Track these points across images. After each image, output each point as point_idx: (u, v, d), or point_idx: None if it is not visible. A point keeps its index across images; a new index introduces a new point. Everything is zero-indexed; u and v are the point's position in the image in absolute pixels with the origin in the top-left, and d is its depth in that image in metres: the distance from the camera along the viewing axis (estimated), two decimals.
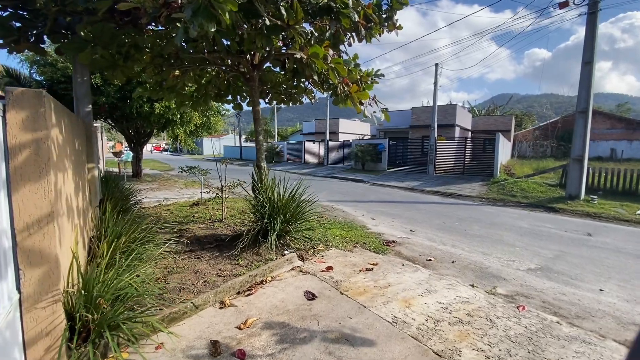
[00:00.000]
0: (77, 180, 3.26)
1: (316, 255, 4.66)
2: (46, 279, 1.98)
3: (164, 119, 11.18)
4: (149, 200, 8.94)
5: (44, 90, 1.93)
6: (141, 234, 4.10)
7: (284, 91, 6.33)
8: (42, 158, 1.92)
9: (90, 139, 4.40)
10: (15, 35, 3.53)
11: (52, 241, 1.99)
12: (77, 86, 4.30)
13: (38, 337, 1.98)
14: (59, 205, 2.14)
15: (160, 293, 3.26)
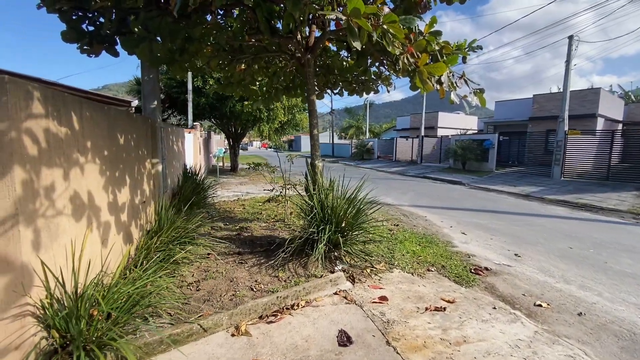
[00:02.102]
0: (118, 175, 3.22)
1: (372, 276, 3.75)
2: (10, 290, 1.77)
3: (252, 116, 11.71)
4: (232, 194, 9.41)
5: (8, 77, 1.68)
6: (185, 232, 3.97)
7: (354, 79, 5.53)
8: (4, 153, 1.69)
9: (155, 135, 4.53)
10: (87, 38, 3.75)
11: (17, 247, 1.76)
12: (144, 84, 4.47)
13: (6, 351, 1.79)
14: (39, 204, 1.93)
15: (184, 302, 2.98)
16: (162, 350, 2.36)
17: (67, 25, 3.74)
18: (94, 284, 2.35)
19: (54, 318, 1.95)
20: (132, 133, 3.69)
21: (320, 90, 6.13)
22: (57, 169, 2.13)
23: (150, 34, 3.78)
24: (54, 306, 1.96)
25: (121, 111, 3.59)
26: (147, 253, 3.35)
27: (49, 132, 2.03)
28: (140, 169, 4.00)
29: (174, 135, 6.26)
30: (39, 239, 1.92)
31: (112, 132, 3.12)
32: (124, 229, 3.36)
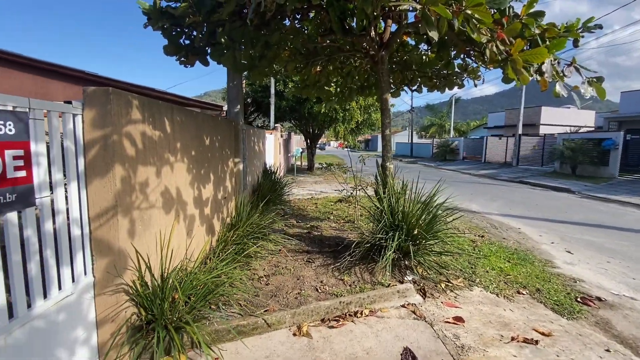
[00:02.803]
0: (203, 173, 3.58)
1: (447, 292, 3.38)
2: (111, 268, 2.08)
3: (328, 117, 11.89)
4: (306, 192, 9.71)
5: (112, 89, 1.98)
6: (259, 227, 4.19)
7: (434, 73, 5.10)
8: (108, 153, 2.00)
9: (237, 136, 4.92)
10: (183, 51, 4.27)
11: (115, 234, 2.06)
12: (229, 90, 4.88)
13: (105, 321, 2.12)
14: (135, 197, 2.23)
15: (254, 294, 3.14)
16: (229, 339, 2.51)
17: (168, 40, 4.28)
18: (177, 271, 2.63)
19: (142, 298, 2.24)
20: (217, 135, 4.06)
21: (397, 87, 5.82)
22: (150, 167, 2.44)
23: (234, 43, 4.09)
24: (142, 287, 2.25)
25: (207, 115, 3.98)
26: (225, 245, 3.64)
27: (145, 135, 2.34)
28: (224, 167, 4.38)
29: (255, 136, 6.74)
30: (134, 228, 2.22)
31: (199, 134, 3.47)
32: (207, 222, 3.71)
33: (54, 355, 1.79)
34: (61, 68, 9.66)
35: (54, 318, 1.79)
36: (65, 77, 9.63)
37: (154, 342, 2.17)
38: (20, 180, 1.57)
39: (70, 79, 9.61)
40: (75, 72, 9.66)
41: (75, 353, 1.94)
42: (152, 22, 3.89)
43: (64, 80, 9.61)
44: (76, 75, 9.63)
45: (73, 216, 1.92)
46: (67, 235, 1.88)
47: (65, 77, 9.63)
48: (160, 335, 2.15)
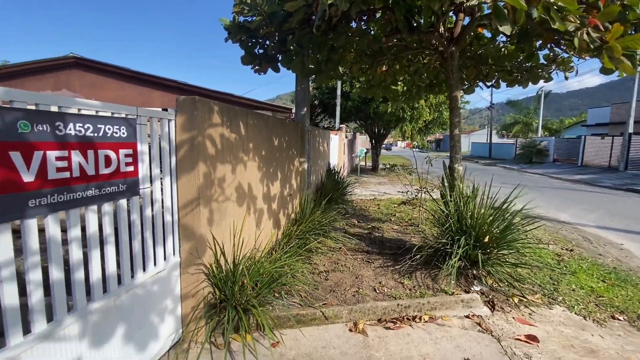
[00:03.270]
0: (272, 171, 3.87)
1: (520, 308, 3.07)
2: (193, 252, 2.42)
3: (395, 116, 11.60)
4: (369, 192, 9.65)
5: (198, 97, 2.30)
6: (320, 224, 4.35)
7: (514, 66, 4.63)
8: (194, 153, 2.33)
9: (303, 137, 5.17)
10: (258, 59, 4.66)
11: (198, 221, 2.39)
12: (296, 93, 5.16)
13: (187, 296, 2.47)
14: (214, 191, 2.55)
15: (314, 287, 3.30)
16: (289, 326, 2.69)
17: (245, 51, 4.71)
18: (246, 258, 2.91)
19: (217, 279, 2.55)
20: (284, 136, 4.35)
21: (471, 83, 5.45)
22: (227, 165, 2.75)
23: (303, 49, 4.32)
24: (217, 270, 2.56)
25: (276, 118, 4.28)
26: (289, 239, 3.88)
27: (223, 136, 2.66)
28: (290, 166, 4.66)
29: (319, 137, 6.97)
30: (212, 217, 2.54)
31: (269, 135, 3.76)
32: (274, 216, 4.01)
33: (149, 319, 2.17)
34: (159, 79, 11.30)
35: (150, 288, 2.16)
36: (163, 86, 11.25)
37: (225, 319, 2.46)
38: (129, 173, 1.95)
39: (166, 88, 11.19)
40: (170, 82, 11.21)
41: (164, 320, 2.31)
42: (231, 36, 4.33)
43: (162, 89, 11.23)
44: (171, 85, 11.17)
45: (166, 205, 2.29)
46: (161, 220, 2.25)
47: (163, 86, 11.25)
48: (230, 314, 2.42)
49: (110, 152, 1.80)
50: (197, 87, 11.37)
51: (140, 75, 11.18)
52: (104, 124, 1.75)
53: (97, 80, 11.14)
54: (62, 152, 1.53)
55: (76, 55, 10.92)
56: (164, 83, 11.23)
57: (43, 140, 1.44)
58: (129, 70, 11.24)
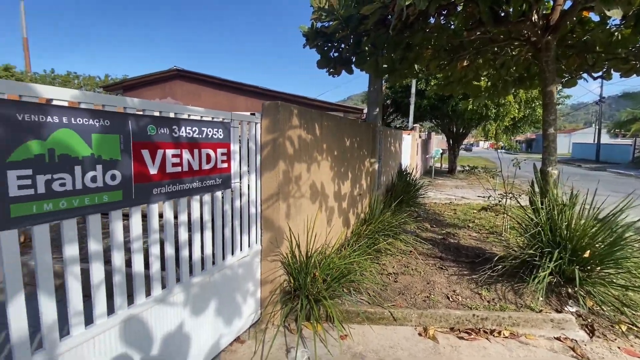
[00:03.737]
0: (343, 171, 3.99)
1: (628, 337, 2.59)
2: (272, 241, 2.67)
3: (477, 114, 10.69)
4: (444, 196, 9.10)
5: (280, 102, 2.53)
6: (390, 225, 4.31)
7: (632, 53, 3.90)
8: (276, 152, 2.56)
9: (374, 137, 5.18)
10: (332, 62, 4.83)
11: (277, 214, 2.62)
12: (369, 94, 5.18)
13: (266, 281, 2.73)
14: (291, 187, 2.77)
15: (382, 288, 3.31)
16: (358, 322, 2.76)
17: (321, 55, 4.92)
18: (318, 252, 3.08)
19: (291, 268, 2.75)
20: (356, 137, 4.42)
21: (572, 75, 4.77)
22: (303, 164, 2.95)
23: (377, 49, 4.34)
24: (292, 260, 2.77)
25: (349, 119, 4.38)
26: (358, 238, 3.95)
27: (300, 138, 2.86)
28: (360, 166, 4.72)
29: (391, 137, 6.86)
30: (289, 211, 2.76)
31: (341, 136, 3.89)
32: (344, 215, 4.12)
33: (234, 298, 2.47)
34: (243, 85, 12.44)
35: (236, 271, 2.46)
36: (246, 92, 12.37)
37: (298, 307, 2.65)
38: (223, 170, 2.26)
39: (249, 93, 12.28)
40: (252, 88, 12.26)
41: (246, 300, 2.60)
42: (309, 42, 4.58)
43: (245, 94, 12.36)
44: (253, 90, 12.21)
45: (251, 198, 2.57)
46: (247, 212, 2.54)
47: (246, 92, 12.37)
48: (303, 303, 2.60)
49: (210, 151, 2.11)
50: (276, 91, 12.19)
51: (227, 82, 12.49)
52: (206, 127, 2.07)
53: (194, 89, 12.82)
54: (176, 150, 1.86)
55: (178, 68, 12.74)
56: (247, 89, 12.35)
57: (163, 141, 1.78)
58: (218, 79, 12.64)
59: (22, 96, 1.22)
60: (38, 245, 1.29)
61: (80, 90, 1.40)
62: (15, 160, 1.20)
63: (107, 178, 1.51)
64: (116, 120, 1.53)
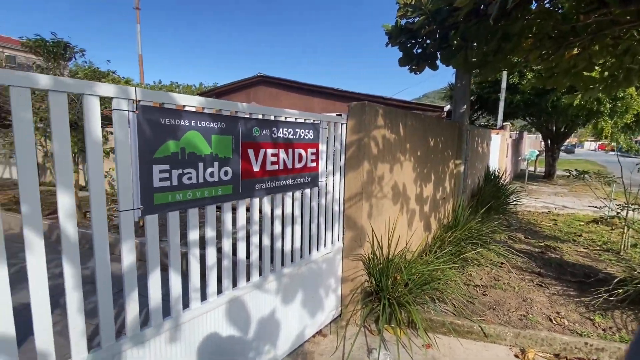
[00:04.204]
0: (425, 172, 3.82)
1: None
2: (354, 240, 2.69)
3: (586, 110, 9.11)
4: (541, 204, 7.99)
5: (367, 102, 2.54)
6: (478, 234, 3.98)
7: None
8: (360, 152, 2.58)
9: (461, 137, 4.82)
10: (415, 60, 4.66)
11: (359, 214, 2.64)
12: (455, 90, 4.83)
13: (347, 279, 2.77)
14: (374, 188, 2.75)
15: (469, 300, 3.08)
16: (442, 333, 2.61)
17: (403, 53, 4.78)
18: (399, 256, 3.00)
19: (373, 269, 2.74)
20: (440, 136, 4.18)
21: None
22: (386, 164, 2.91)
23: (467, 42, 4.04)
24: (374, 261, 2.75)
25: (433, 118, 4.16)
26: (441, 244, 3.73)
27: (384, 137, 2.83)
28: (444, 168, 4.45)
29: (479, 137, 6.30)
30: (371, 211, 2.76)
31: (425, 135, 3.72)
32: (425, 219, 3.93)
33: (318, 292, 2.56)
34: (318, 87, 12.83)
35: (320, 266, 2.55)
36: (321, 94, 12.72)
37: (379, 309, 2.62)
38: (312, 169, 2.36)
39: (324, 95, 12.61)
40: (327, 90, 12.55)
41: (328, 295, 2.68)
42: (392, 40, 4.49)
43: (320, 96, 12.72)
44: (328, 92, 12.50)
45: (335, 197, 2.64)
46: (331, 209, 2.61)
47: (321, 94, 12.72)
48: (384, 305, 2.57)
49: (302, 151, 2.24)
50: (349, 91, 12.27)
51: (303, 85, 13.03)
52: (299, 128, 2.19)
53: (274, 93, 13.71)
54: (274, 150, 2.02)
55: (262, 74, 13.78)
56: (321, 90, 12.70)
57: (265, 141, 1.95)
58: (295, 82, 13.28)
59: (163, 103, 1.46)
60: (172, 229, 1.54)
61: (204, 97, 1.62)
62: (158, 156, 1.45)
63: (221, 174, 1.72)
64: (230, 123, 1.73)
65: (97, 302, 1.31)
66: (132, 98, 1.33)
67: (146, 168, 1.41)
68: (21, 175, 1.09)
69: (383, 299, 2.65)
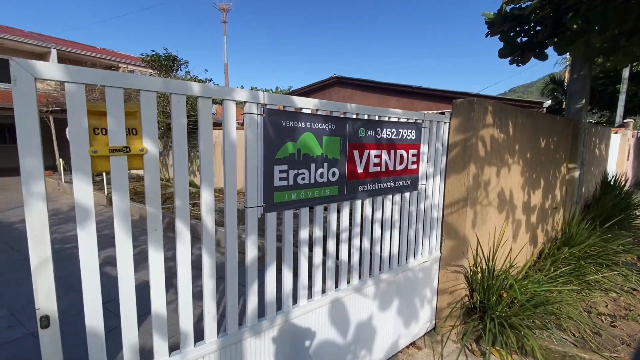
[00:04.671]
0: (534, 177, 3.35)
1: None
2: (454, 249, 2.48)
3: None
4: None
5: (476, 98, 2.31)
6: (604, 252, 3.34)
7: None
8: (466, 154, 2.36)
9: (577, 137, 4.11)
10: (519, 49, 4.13)
11: (462, 222, 2.42)
12: (571, 83, 4.14)
13: (444, 291, 2.57)
14: (479, 193, 2.50)
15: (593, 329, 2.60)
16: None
17: (505, 42, 4.29)
18: (503, 271, 2.67)
19: (476, 284, 2.49)
20: (552, 136, 3.62)
21: None
22: (493, 167, 2.62)
23: (590, 26, 3.43)
24: (476, 274, 2.49)
25: (544, 115, 3.62)
26: (554, 261, 3.22)
27: (492, 137, 2.54)
28: (555, 173, 3.85)
29: (597, 137, 5.31)
30: (475, 219, 2.50)
31: (535, 135, 3.26)
32: (531, 230, 3.45)
33: (413, 301, 2.42)
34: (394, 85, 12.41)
35: (417, 274, 2.41)
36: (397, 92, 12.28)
37: (482, 328, 2.36)
38: (413, 171, 2.24)
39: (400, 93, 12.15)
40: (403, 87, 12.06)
41: (423, 306, 2.52)
42: (493, 29, 4.06)
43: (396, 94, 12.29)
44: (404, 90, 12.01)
45: (434, 202, 2.47)
46: (429, 216, 2.45)
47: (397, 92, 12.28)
48: (489, 325, 2.30)
49: (403, 152, 2.13)
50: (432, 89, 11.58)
51: (380, 84, 12.75)
52: (402, 128, 2.09)
53: (349, 93, 13.73)
54: (377, 151, 1.96)
55: (337, 75, 13.93)
56: (400, 89, 12.25)
57: (369, 142, 1.90)
58: (372, 82, 13.08)
59: (285, 107, 1.52)
60: (287, 227, 1.60)
61: (317, 99, 1.64)
62: (279, 157, 1.51)
63: (329, 175, 1.73)
64: (339, 124, 1.73)
65: (225, 292, 1.42)
66: (260, 102, 1.41)
67: (269, 168, 1.48)
68: (177, 174, 1.22)
69: (487, 318, 2.38)
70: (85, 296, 1.06)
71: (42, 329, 0.99)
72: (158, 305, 1.22)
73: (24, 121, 0.91)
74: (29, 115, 0.91)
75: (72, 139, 0.99)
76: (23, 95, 0.90)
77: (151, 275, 1.20)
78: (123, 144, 1.08)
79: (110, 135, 1.06)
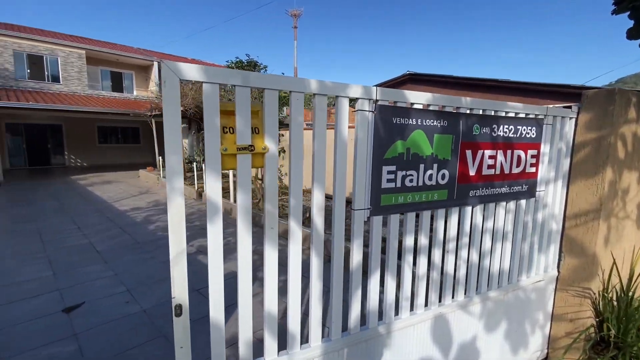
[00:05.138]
0: None
1: None
2: (579, 271, 2.07)
3: None
4: None
5: (617, 89, 1.89)
6: None
7: None
8: (600, 155, 1.95)
9: None
10: None
11: (590, 237, 2.01)
12: None
13: (560, 317, 2.18)
14: (615, 204, 2.05)
15: None
16: None
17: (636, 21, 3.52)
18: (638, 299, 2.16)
19: (607, 312, 2.05)
20: None
21: None
22: (634, 172, 2.13)
23: None
24: (611, 302, 2.05)
25: None
26: None
27: (635, 136, 2.06)
28: None
29: None
30: (609, 235, 2.06)
31: None
32: None
33: (522, 325, 2.10)
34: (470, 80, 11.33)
35: (529, 295, 2.08)
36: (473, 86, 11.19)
37: None
38: (530, 174, 1.93)
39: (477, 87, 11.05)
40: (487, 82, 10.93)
41: (534, 332, 2.17)
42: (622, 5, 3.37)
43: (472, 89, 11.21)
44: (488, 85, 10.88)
45: (553, 211, 2.10)
46: (547, 228, 2.09)
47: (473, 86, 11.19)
48: None
49: (521, 152, 1.84)
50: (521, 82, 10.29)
51: (458, 79, 11.77)
52: (521, 125, 1.81)
53: (421, 89, 12.99)
54: (492, 151, 1.72)
55: (410, 72, 13.33)
56: (482, 83, 11.15)
57: (483, 141, 1.68)
58: (449, 77, 12.14)
59: (396, 102, 1.41)
60: (392, 232, 1.48)
61: (430, 94, 1.49)
62: (388, 157, 1.41)
63: (439, 177, 1.56)
64: (452, 121, 1.55)
65: (331, 298, 1.37)
66: (372, 98, 1.32)
67: (377, 169, 1.38)
68: (293, 173, 1.20)
69: (624, 357, 1.94)
70: (211, 288, 1.09)
71: (176, 317, 1.05)
72: (271, 306, 1.22)
73: (171, 121, 0.96)
74: (174, 115, 0.96)
75: (207, 138, 1.03)
76: (170, 95, 0.95)
77: (265, 273, 1.20)
78: (249, 142, 1.09)
79: (238, 134, 1.08)
